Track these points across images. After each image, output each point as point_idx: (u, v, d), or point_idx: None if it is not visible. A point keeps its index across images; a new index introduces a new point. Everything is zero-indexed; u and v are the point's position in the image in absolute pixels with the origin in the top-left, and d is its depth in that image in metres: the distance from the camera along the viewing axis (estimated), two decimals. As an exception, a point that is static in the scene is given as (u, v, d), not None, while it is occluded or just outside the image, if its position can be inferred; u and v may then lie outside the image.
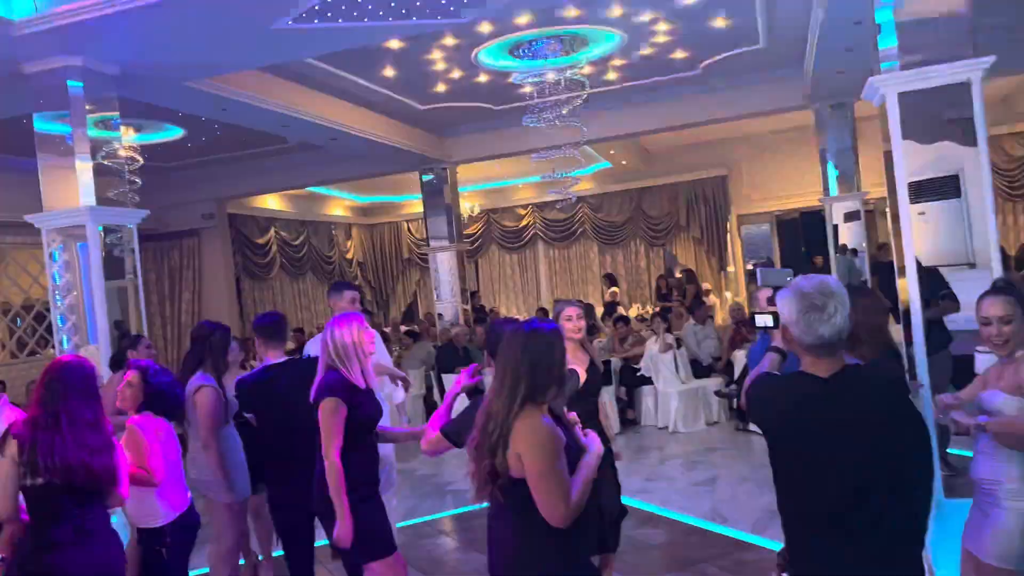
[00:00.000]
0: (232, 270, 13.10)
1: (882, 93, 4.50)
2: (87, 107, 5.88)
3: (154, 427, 3.64)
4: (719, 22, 7.82)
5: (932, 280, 4.41)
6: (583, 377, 3.72)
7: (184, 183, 12.04)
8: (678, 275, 14.82)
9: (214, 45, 5.87)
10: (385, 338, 11.31)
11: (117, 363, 4.95)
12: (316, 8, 5.31)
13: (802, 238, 13.74)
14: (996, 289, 3.08)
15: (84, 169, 5.83)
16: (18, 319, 10.80)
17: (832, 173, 9.88)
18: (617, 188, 15.37)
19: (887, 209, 5.00)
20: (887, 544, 2.08)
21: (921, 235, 4.47)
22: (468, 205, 15.69)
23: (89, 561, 3.09)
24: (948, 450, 4.29)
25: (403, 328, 13.71)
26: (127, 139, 7.38)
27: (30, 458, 3.03)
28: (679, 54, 8.78)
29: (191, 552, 3.84)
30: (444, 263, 12.09)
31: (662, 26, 7.84)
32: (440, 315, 12.05)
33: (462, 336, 10.25)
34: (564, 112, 8.38)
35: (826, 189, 9.96)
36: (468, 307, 12.47)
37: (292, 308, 14.83)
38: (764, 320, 3.04)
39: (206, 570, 4.70)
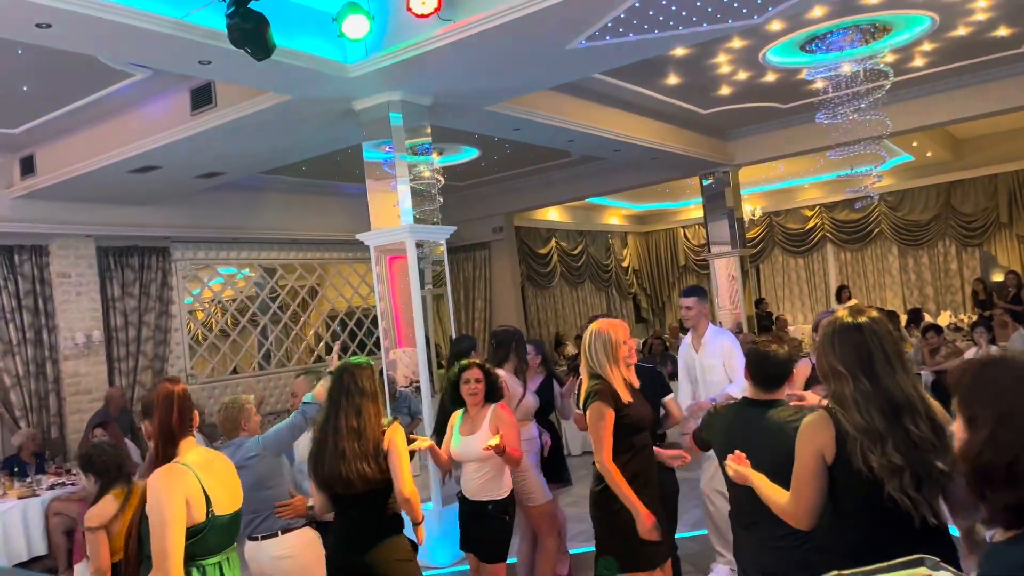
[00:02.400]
0: (518, 279, 13.84)
1: None
2: (405, 136, 6.53)
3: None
4: (1055, -11, 6.84)
5: None
6: None
7: (477, 199, 13.00)
8: (996, 278, 13.09)
9: (513, 71, 6.22)
10: (665, 345, 11.27)
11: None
12: (608, 26, 5.42)
13: None
14: None
15: (404, 191, 6.49)
16: (340, 325, 12.29)
17: None
18: (921, 183, 13.98)
19: None
20: None
21: None
22: (749, 208, 15.14)
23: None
24: None
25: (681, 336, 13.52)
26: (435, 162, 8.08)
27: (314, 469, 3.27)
28: (1002, 31, 7.79)
29: None
30: (722, 269, 11.76)
31: (981, 2, 7.01)
32: (719, 323, 11.72)
33: (747, 344, 9.87)
34: (862, 105, 7.81)
35: None
36: (753, 314, 12.01)
37: (571, 315, 15.32)
38: None
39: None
